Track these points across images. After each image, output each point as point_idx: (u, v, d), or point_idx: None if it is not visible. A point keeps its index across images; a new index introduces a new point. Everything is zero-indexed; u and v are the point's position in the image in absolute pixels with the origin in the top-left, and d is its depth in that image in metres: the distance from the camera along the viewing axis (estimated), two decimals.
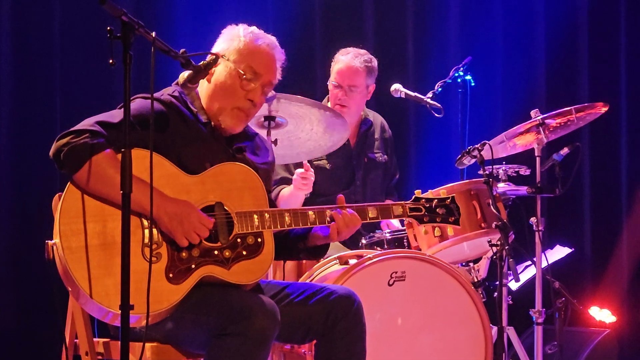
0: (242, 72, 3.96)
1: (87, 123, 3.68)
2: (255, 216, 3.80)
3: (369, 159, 6.27)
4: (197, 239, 3.67)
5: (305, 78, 7.19)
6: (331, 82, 6.14)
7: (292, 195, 5.67)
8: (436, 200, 4.15)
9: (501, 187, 5.83)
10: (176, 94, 3.97)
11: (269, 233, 3.83)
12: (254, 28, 4.09)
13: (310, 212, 3.94)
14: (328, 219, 3.97)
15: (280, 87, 4.42)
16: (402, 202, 4.13)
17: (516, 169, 5.92)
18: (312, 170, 5.57)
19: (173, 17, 6.93)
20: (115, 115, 3.74)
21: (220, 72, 3.96)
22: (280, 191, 5.86)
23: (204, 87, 4.03)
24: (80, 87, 6.52)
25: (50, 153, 3.63)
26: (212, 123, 4.00)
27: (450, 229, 4.24)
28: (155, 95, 3.88)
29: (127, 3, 6.48)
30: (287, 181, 5.91)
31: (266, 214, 3.82)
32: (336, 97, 6.06)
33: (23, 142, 6.41)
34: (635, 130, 8.10)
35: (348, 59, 6.10)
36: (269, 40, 4.08)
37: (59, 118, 6.47)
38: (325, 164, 6.10)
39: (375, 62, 6.19)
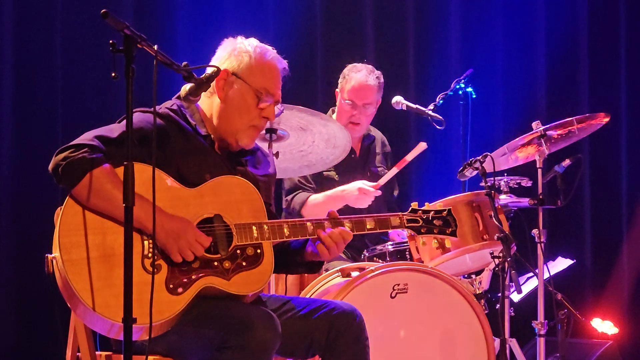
0: (260, 93, 4.00)
1: (86, 137, 3.69)
2: (254, 228, 3.81)
3: (372, 172, 6.29)
4: (191, 256, 3.67)
5: (307, 91, 7.20)
6: (344, 100, 6.13)
7: (327, 201, 5.69)
8: (433, 212, 4.18)
9: (503, 198, 5.83)
10: (175, 107, 3.98)
11: (268, 244, 3.84)
12: (253, 40, 4.11)
13: (309, 224, 3.96)
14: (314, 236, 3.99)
15: (283, 100, 4.43)
16: (400, 213, 4.15)
17: (518, 181, 5.93)
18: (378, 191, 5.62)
19: (173, 29, 6.94)
20: (114, 129, 3.75)
21: (235, 91, 3.99)
22: (307, 198, 5.87)
23: (215, 105, 4.04)
24: (82, 100, 6.54)
25: (49, 167, 3.64)
26: (212, 136, 4.01)
27: (447, 241, 4.23)
28: (152, 108, 3.89)
29: (126, 15, 6.49)
30: (304, 185, 5.93)
31: (265, 226, 3.83)
32: (350, 114, 6.08)
33: (24, 155, 6.42)
34: (635, 142, 8.11)
35: (362, 77, 6.12)
36: (274, 53, 4.11)
37: (60, 131, 6.48)
38: (334, 175, 6.11)
39: (382, 78, 6.23)
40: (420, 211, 4.17)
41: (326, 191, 5.90)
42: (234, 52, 4.04)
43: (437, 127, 6.33)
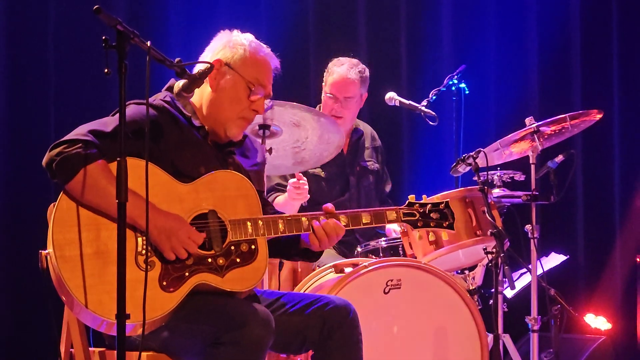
0: (252, 84, 3.99)
1: (79, 132, 3.67)
2: (249, 224, 3.80)
3: (361, 167, 6.29)
4: (184, 254, 3.67)
5: (299, 87, 7.20)
6: (326, 94, 6.14)
7: (286, 203, 5.67)
8: (430, 205, 4.16)
9: (496, 192, 5.83)
10: (168, 99, 3.97)
11: (263, 240, 3.83)
12: (249, 35, 4.11)
13: (304, 219, 3.95)
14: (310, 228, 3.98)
15: (275, 95, 4.43)
16: (396, 207, 4.13)
17: (511, 175, 5.92)
18: (305, 179, 5.57)
19: (166, 24, 6.93)
20: (107, 123, 3.74)
21: (227, 81, 3.99)
22: (274, 199, 5.86)
23: (205, 94, 4.03)
24: (75, 96, 6.52)
25: (43, 162, 3.63)
26: (206, 127, 4.00)
27: (444, 234, 4.23)
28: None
29: (118, 11, 6.48)
30: (282, 187, 5.91)
31: (260, 222, 3.82)
32: (331, 108, 6.08)
33: (17, 150, 6.41)
34: (627, 138, 8.12)
35: (343, 71, 6.12)
36: (268, 50, 4.12)
37: (53, 126, 6.47)
38: (320, 172, 6.11)
39: (367, 72, 6.23)
40: (417, 204, 4.16)
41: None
42: (229, 43, 4.05)
43: (430, 123, 6.33)
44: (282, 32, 7.20)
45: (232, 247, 3.76)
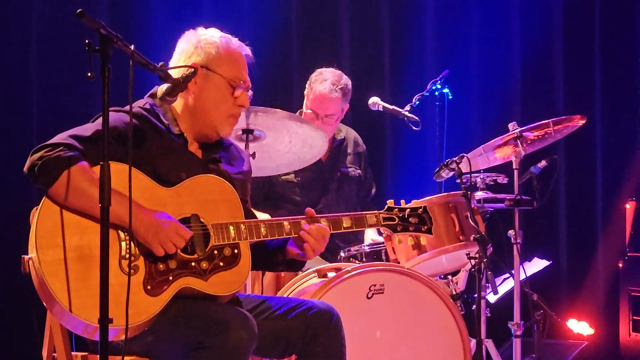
0: (233, 82, 3.99)
1: (60, 137, 3.67)
2: (231, 227, 3.80)
3: (342, 173, 6.28)
4: (173, 248, 3.65)
5: (282, 91, 7.20)
6: (307, 107, 6.10)
7: None
8: (409, 209, 4.17)
9: (479, 195, 5.83)
10: (147, 106, 3.95)
11: (246, 244, 3.83)
12: (215, 30, 4.10)
13: (286, 223, 3.95)
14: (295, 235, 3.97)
15: (258, 100, 4.43)
16: (376, 211, 4.14)
17: (494, 178, 5.93)
18: None
19: (149, 29, 6.92)
20: (87, 128, 3.73)
21: (208, 84, 3.97)
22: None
23: (189, 101, 4.01)
24: (58, 100, 6.51)
25: (25, 168, 3.61)
26: (186, 134, 3.99)
27: (423, 238, 4.22)
28: (126, 108, 3.85)
29: (101, 14, 6.47)
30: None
31: (242, 226, 3.82)
32: (312, 121, 6.04)
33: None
34: (609, 143, 8.16)
35: (325, 90, 6.04)
36: (237, 40, 4.10)
37: (35, 131, 6.45)
38: (293, 178, 6.10)
39: (350, 84, 6.17)
40: (396, 209, 4.17)
41: None
42: (200, 44, 4.02)
43: (414, 128, 6.33)
44: (266, 36, 7.20)
45: (215, 251, 3.76)
